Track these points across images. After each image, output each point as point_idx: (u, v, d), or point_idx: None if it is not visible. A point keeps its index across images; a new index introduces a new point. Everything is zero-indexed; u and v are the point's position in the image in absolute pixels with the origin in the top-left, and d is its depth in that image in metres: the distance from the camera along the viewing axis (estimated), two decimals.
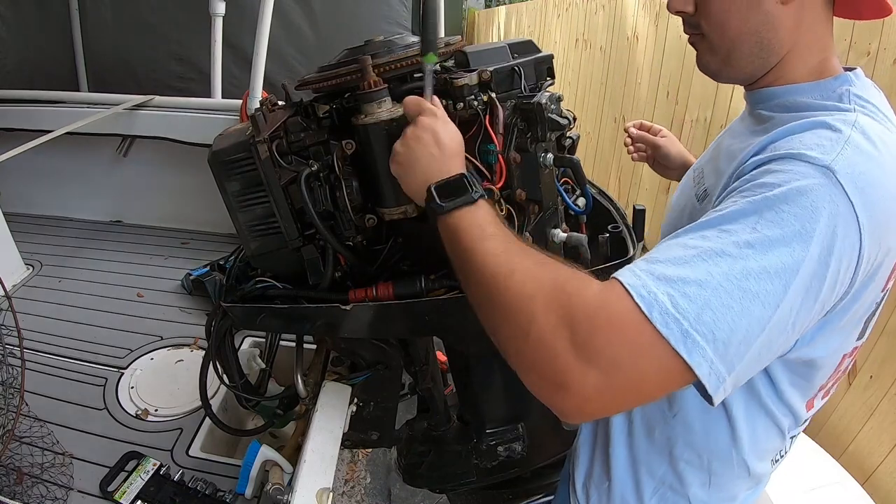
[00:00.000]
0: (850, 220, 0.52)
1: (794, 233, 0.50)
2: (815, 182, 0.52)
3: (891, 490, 1.65)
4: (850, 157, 0.53)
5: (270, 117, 0.85)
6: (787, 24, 0.64)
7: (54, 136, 1.98)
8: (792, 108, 0.66)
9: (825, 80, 0.66)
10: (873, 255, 0.55)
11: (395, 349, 1.08)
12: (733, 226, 0.52)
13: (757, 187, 0.54)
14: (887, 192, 0.54)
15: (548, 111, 0.74)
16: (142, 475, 1.23)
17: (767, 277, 0.49)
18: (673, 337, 0.47)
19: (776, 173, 0.54)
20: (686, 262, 0.50)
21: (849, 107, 0.61)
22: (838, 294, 0.55)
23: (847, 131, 0.56)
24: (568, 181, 0.87)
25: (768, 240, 0.50)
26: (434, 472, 1.20)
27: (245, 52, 2.60)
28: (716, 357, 0.48)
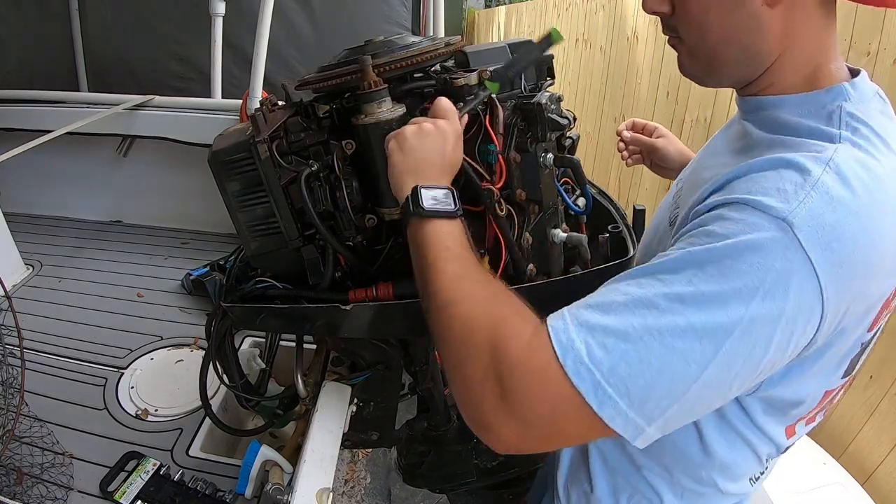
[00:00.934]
0: (807, 278, 0.46)
1: (733, 291, 0.46)
2: (766, 236, 0.47)
3: (891, 490, 1.65)
4: (815, 206, 0.47)
5: (270, 117, 0.85)
6: (775, 28, 0.57)
7: (54, 136, 1.98)
8: (774, 126, 0.60)
9: (816, 92, 0.58)
10: (843, 309, 0.50)
11: (395, 349, 1.08)
12: (669, 276, 0.49)
13: (703, 235, 0.50)
14: (862, 243, 0.48)
15: (548, 111, 0.74)
16: (142, 475, 1.23)
17: (694, 336, 0.46)
18: (584, 388, 0.46)
19: (726, 222, 0.49)
20: (612, 310, 0.48)
21: (835, 132, 0.54)
22: (795, 352, 0.51)
23: (817, 173, 0.49)
24: (568, 181, 0.87)
25: (702, 296, 0.47)
26: (434, 472, 1.20)
27: (245, 52, 2.59)
28: (631, 411, 0.47)
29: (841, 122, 0.55)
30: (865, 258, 0.49)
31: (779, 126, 0.59)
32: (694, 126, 2.90)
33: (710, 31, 0.59)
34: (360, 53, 0.76)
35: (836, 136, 0.54)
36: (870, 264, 0.49)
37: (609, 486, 0.80)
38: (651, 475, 0.75)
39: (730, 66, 0.61)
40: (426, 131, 0.67)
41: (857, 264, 0.48)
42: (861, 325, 0.55)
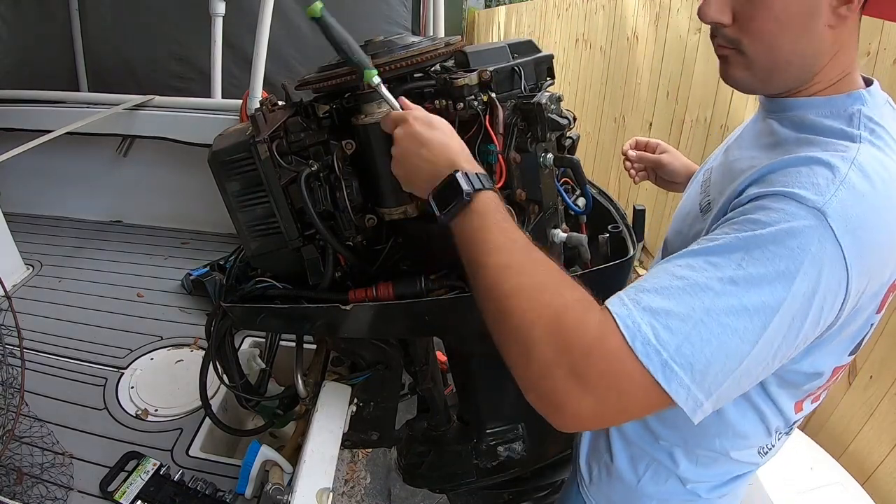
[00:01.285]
0: (836, 261, 0.53)
1: (777, 273, 0.52)
2: (805, 224, 0.52)
3: (891, 490, 1.65)
4: (844, 198, 0.54)
5: (270, 117, 0.85)
6: (829, 46, 0.62)
7: (54, 136, 1.98)
8: (800, 125, 0.65)
9: (838, 96, 0.64)
10: (862, 289, 0.56)
11: (395, 349, 1.08)
12: (720, 259, 0.53)
13: (748, 223, 0.55)
14: (881, 231, 0.55)
15: (548, 111, 0.74)
16: (142, 475, 1.23)
17: (747, 315, 0.51)
18: (653, 367, 0.50)
19: (768, 211, 0.55)
20: (671, 294, 0.52)
21: (856, 132, 0.60)
22: (823, 327, 0.57)
23: (844, 170, 0.55)
24: (568, 181, 0.87)
25: (752, 278, 0.52)
26: (434, 472, 1.20)
27: (245, 52, 2.59)
28: (693, 385, 0.51)
29: (861, 123, 0.61)
30: (882, 244, 0.55)
31: (805, 126, 0.64)
32: (694, 126, 2.90)
33: (780, 50, 0.62)
34: None
35: (857, 137, 0.59)
36: (885, 249, 0.56)
37: (628, 457, 0.87)
38: (668, 444, 0.82)
39: (787, 80, 0.65)
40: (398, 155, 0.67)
41: (875, 249, 0.55)
42: (872, 304, 0.62)
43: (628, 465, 0.87)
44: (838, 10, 0.59)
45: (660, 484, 0.85)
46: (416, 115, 0.68)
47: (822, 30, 0.60)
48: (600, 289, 0.83)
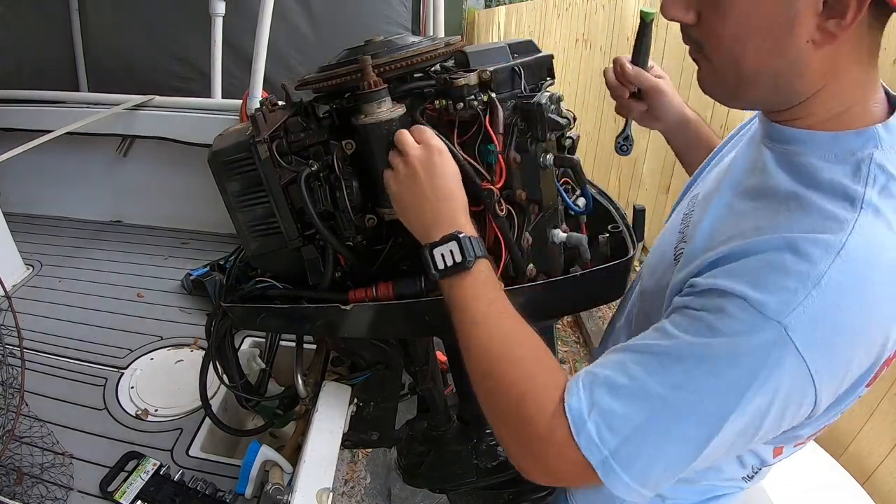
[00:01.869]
0: (799, 376, 0.49)
1: (727, 387, 0.50)
2: (760, 339, 0.48)
3: (891, 490, 1.65)
4: (816, 308, 0.47)
5: (270, 117, 0.85)
6: (816, 68, 0.52)
7: (54, 136, 1.98)
8: (796, 170, 0.56)
9: (846, 133, 0.54)
10: (839, 383, 0.52)
11: (395, 349, 1.08)
12: (671, 363, 0.52)
13: (703, 326, 0.51)
14: (863, 331, 0.49)
15: (548, 111, 0.74)
16: (142, 475, 1.23)
17: (690, 424, 0.51)
18: (594, 461, 0.53)
19: (723, 317, 0.50)
20: (619, 395, 0.53)
21: (859, 192, 0.50)
22: (790, 425, 0.54)
23: (823, 266, 0.48)
24: (568, 181, 0.87)
25: (699, 388, 0.51)
26: (434, 472, 1.20)
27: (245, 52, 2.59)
28: (632, 482, 0.53)
29: (869, 176, 0.51)
30: (864, 342, 0.50)
31: (801, 172, 0.55)
32: None
33: (744, 62, 0.54)
34: (360, 53, 0.75)
35: (858, 200, 0.50)
36: (869, 344, 0.50)
37: None
38: None
39: (758, 96, 0.57)
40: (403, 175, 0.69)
41: (856, 350, 0.50)
42: (859, 388, 0.57)
43: None
44: (824, 25, 0.49)
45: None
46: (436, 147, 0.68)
47: (801, 46, 0.50)
48: (600, 288, 0.84)
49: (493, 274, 0.66)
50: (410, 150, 0.69)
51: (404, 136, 0.70)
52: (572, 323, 3.23)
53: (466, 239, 0.64)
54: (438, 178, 0.67)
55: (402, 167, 0.69)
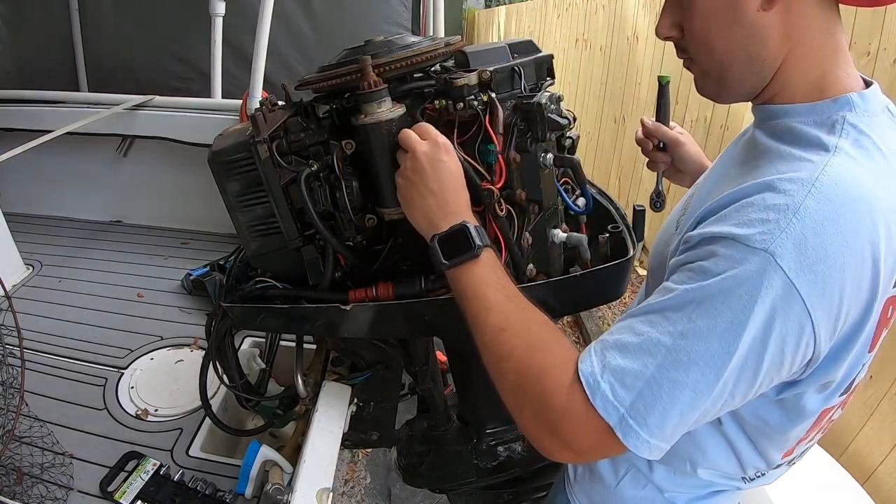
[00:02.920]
0: (791, 302, 0.51)
1: (727, 323, 0.52)
2: (751, 269, 0.51)
3: (891, 490, 1.65)
4: (798, 232, 0.51)
5: (270, 117, 0.85)
6: (776, 32, 0.59)
7: (54, 136, 1.98)
8: (780, 134, 0.62)
9: (823, 101, 0.60)
10: (836, 317, 0.53)
11: (395, 349, 1.08)
12: (674, 313, 0.54)
13: (699, 272, 0.54)
14: (848, 257, 0.51)
15: (548, 111, 0.74)
16: (142, 475, 1.23)
17: (697, 368, 0.53)
18: (612, 422, 0.55)
19: (717, 258, 0.53)
20: (629, 351, 0.56)
21: (833, 141, 0.56)
22: (794, 367, 0.55)
23: (800, 197, 0.52)
24: (568, 181, 0.87)
25: (701, 331, 0.53)
26: (434, 472, 1.20)
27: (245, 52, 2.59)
28: (651, 437, 0.54)
29: (842, 131, 0.57)
30: (852, 270, 0.52)
31: (784, 135, 0.61)
32: (694, 126, 2.90)
33: (714, 48, 0.61)
34: (360, 53, 0.76)
35: (831, 146, 0.56)
36: (857, 274, 0.52)
37: (609, 459, 0.85)
38: None
39: (739, 78, 0.63)
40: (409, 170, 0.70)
41: (844, 277, 0.52)
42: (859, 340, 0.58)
43: (609, 466, 0.86)
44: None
45: (638, 489, 0.84)
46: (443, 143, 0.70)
47: (754, 16, 0.58)
48: (600, 288, 0.84)
49: (499, 262, 0.68)
50: (416, 146, 0.70)
51: (409, 133, 0.71)
52: (572, 323, 3.23)
53: (473, 228, 0.67)
54: (444, 173, 0.69)
55: (409, 163, 0.70)
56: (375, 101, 0.72)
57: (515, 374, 0.61)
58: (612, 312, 3.15)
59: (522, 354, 0.61)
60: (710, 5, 0.60)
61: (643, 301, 0.67)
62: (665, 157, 1.01)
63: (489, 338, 0.64)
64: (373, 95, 0.72)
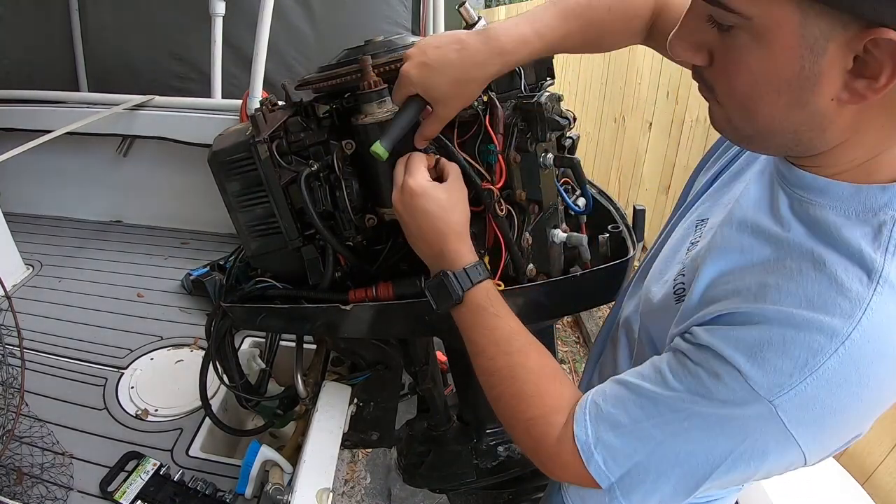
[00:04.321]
0: (786, 446, 0.50)
1: (716, 445, 0.53)
2: (751, 413, 0.50)
3: (891, 490, 1.65)
4: (809, 392, 0.47)
5: (270, 117, 0.85)
6: (842, 123, 0.47)
7: (54, 136, 1.98)
8: (812, 224, 0.51)
9: (870, 187, 0.49)
10: (827, 452, 0.53)
11: (395, 349, 1.08)
12: (668, 413, 0.55)
13: (698, 383, 0.52)
14: (860, 417, 0.50)
15: (548, 111, 0.74)
16: (142, 475, 1.23)
17: (683, 470, 0.55)
18: (602, 485, 0.59)
19: (717, 382, 0.51)
20: (621, 433, 0.57)
21: (877, 261, 0.47)
22: (783, 473, 0.57)
23: (823, 355, 0.46)
24: (568, 181, 0.87)
25: (692, 440, 0.54)
26: (434, 472, 1.20)
27: (245, 52, 2.59)
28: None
29: (890, 243, 0.47)
30: (857, 419, 0.51)
31: (818, 228, 0.51)
32: (694, 126, 2.90)
33: (759, 117, 0.49)
34: (360, 53, 0.76)
35: (875, 274, 0.47)
36: (863, 419, 0.51)
37: None
38: None
39: (775, 147, 0.53)
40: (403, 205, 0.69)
41: (848, 426, 0.51)
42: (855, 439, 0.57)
43: None
44: (853, 84, 0.43)
45: None
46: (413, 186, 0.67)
47: (825, 104, 0.45)
48: (600, 288, 0.84)
49: (492, 297, 0.68)
50: (394, 195, 0.70)
51: (397, 170, 0.71)
52: (572, 323, 3.23)
53: (452, 277, 0.68)
54: (420, 220, 0.68)
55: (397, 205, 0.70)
56: (375, 101, 0.72)
57: (505, 417, 0.66)
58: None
59: (509, 402, 0.65)
60: (769, 76, 0.46)
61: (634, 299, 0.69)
62: None
63: (482, 379, 0.67)
64: (373, 95, 0.72)
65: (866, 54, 0.42)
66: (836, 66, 0.43)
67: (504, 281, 0.78)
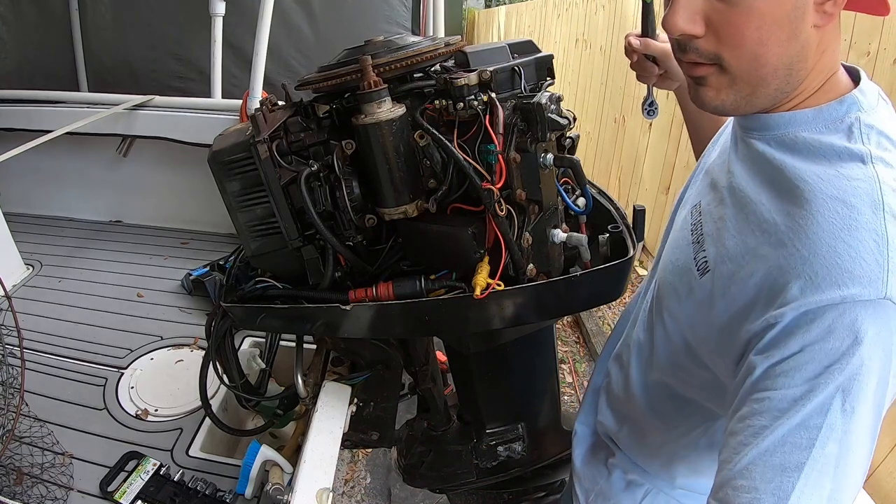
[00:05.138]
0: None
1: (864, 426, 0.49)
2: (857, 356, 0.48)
3: (891, 490, 1.65)
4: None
5: (270, 117, 0.85)
6: (814, 48, 0.55)
7: (54, 136, 1.98)
8: (794, 147, 0.57)
9: (828, 104, 0.56)
10: None
11: (395, 349, 1.08)
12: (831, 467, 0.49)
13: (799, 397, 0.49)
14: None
15: (548, 111, 0.74)
16: (142, 475, 1.23)
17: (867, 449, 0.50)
18: None
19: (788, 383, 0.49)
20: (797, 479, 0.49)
21: (863, 150, 0.53)
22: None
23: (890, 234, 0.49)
24: (568, 181, 0.87)
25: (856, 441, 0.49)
26: (434, 472, 1.20)
27: (245, 52, 2.59)
28: None
29: (862, 136, 0.54)
30: None
31: (800, 147, 0.56)
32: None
33: (767, 60, 0.54)
34: (359, 53, 0.76)
35: (866, 155, 0.53)
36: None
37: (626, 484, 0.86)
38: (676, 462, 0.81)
39: (772, 94, 0.57)
40: None
41: None
42: None
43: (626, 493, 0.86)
44: (824, 6, 0.52)
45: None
46: None
47: (808, 31, 0.53)
48: (600, 289, 0.84)
49: None
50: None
51: None
52: (572, 323, 3.23)
53: None
54: None
55: None
56: (375, 101, 0.72)
57: None
58: (613, 312, 3.15)
59: None
60: (775, 15, 0.52)
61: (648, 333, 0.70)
62: (655, 67, 0.94)
63: None
64: (373, 95, 0.72)
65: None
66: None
67: (504, 281, 0.78)
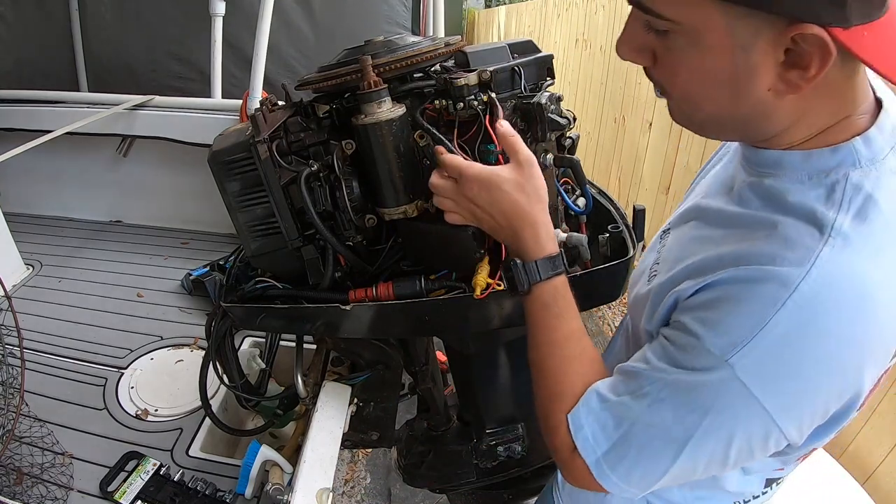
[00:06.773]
0: (753, 414, 0.49)
1: (685, 416, 0.52)
2: (711, 378, 0.50)
3: (891, 490, 1.65)
4: (764, 348, 0.47)
5: (270, 117, 0.85)
6: (786, 110, 0.49)
7: (54, 136, 1.98)
8: (766, 195, 0.53)
9: (820, 151, 0.50)
10: (813, 423, 0.52)
11: (395, 349, 1.08)
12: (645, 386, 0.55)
13: (669, 357, 0.54)
14: (827, 373, 0.47)
15: (548, 111, 0.74)
16: (142, 475, 1.23)
17: (660, 443, 0.55)
18: (589, 462, 0.58)
19: (684, 353, 0.53)
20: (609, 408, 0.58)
21: (829, 217, 0.47)
22: (769, 453, 0.55)
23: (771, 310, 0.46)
24: (568, 181, 0.87)
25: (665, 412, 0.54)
26: (434, 472, 1.20)
27: (245, 52, 2.59)
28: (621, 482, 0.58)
29: (843, 200, 0.48)
30: (833, 380, 0.49)
31: (772, 197, 0.53)
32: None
33: (701, 110, 0.53)
34: (359, 53, 0.76)
35: (827, 227, 0.47)
36: (840, 384, 0.49)
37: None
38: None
39: (727, 136, 0.58)
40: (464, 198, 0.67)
41: (820, 389, 0.49)
42: (850, 412, 0.57)
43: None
44: (786, 76, 0.46)
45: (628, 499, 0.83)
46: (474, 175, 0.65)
47: (762, 95, 0.48)
48: (600, 288, 0.84)
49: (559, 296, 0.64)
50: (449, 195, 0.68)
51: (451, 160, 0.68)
52: None
53: (520, 268, 0.64)
54: (494, 208, 0.65)
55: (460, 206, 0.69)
56: (375, 101, 0.72)
57: (540, 412, 0.65)
58: (613, 312, 3.15)
59: (545, 400, 0.64)
60: (703, 67, 0.48)
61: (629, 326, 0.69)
62: None
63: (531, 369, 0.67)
64: (373, 95, 0.72)
65: (796, 46, 0.44)
66: (769, 60, 0.46)
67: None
